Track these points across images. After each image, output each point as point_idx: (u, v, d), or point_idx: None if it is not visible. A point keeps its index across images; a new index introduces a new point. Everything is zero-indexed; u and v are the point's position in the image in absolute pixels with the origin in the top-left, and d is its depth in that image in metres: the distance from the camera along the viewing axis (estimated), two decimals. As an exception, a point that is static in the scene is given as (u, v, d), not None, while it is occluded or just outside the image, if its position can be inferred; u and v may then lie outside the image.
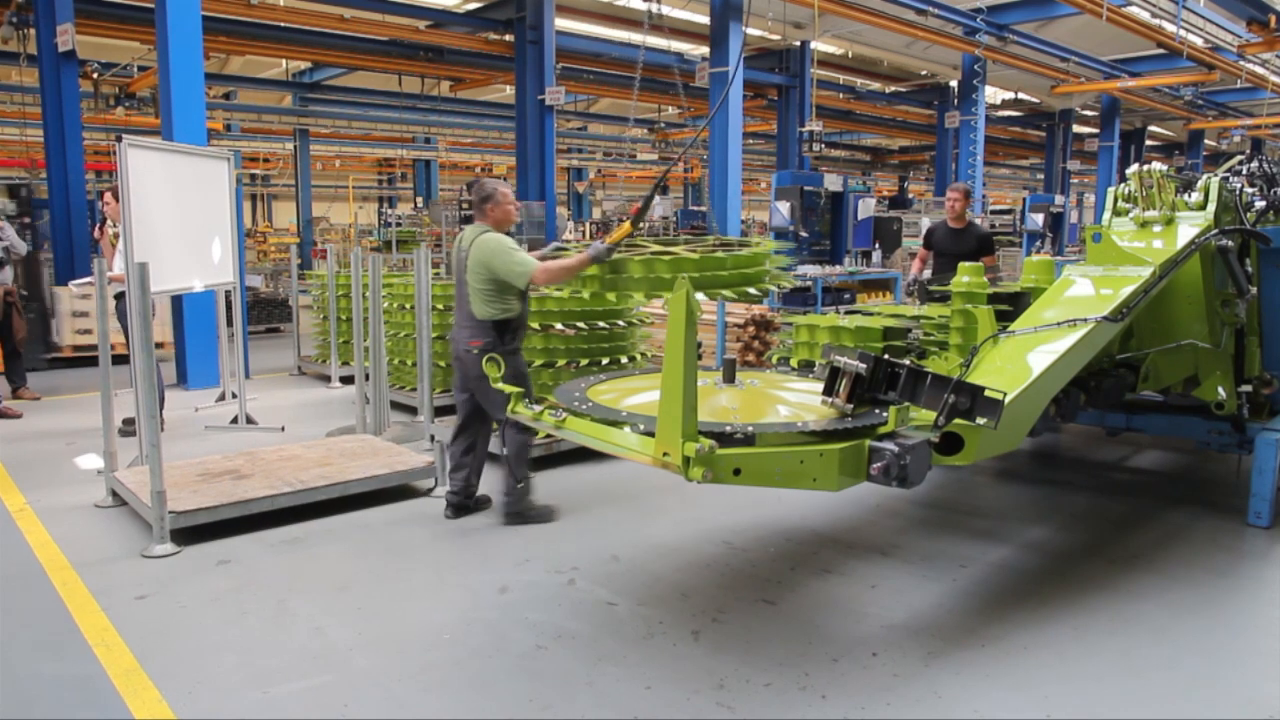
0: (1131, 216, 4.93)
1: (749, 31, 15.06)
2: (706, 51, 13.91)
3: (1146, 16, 14.73)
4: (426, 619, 3.71)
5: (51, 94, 10.96)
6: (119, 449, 5.31)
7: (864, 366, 3.22)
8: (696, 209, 22.26)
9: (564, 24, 15.29)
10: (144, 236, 5.71)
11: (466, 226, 4.84)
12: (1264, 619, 3.80)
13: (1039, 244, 15.89)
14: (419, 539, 4.68)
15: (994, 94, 22.33)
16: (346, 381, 8.83)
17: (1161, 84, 19.74)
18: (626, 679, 3.22)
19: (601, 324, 6.15)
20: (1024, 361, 3.72)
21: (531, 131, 14.19)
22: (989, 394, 3.12)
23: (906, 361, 3.35)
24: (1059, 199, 17.25)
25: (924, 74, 20.88)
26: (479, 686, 3.19)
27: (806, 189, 10.53)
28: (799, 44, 16.82)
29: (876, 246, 11.31)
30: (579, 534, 4.71)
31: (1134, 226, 4.89)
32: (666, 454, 2.81)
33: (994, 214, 19.86)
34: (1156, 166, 4.95)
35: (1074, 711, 3.05)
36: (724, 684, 3.18)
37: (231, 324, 7.75)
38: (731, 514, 4.95)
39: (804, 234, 10.46)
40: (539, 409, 3.57)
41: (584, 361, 6.12)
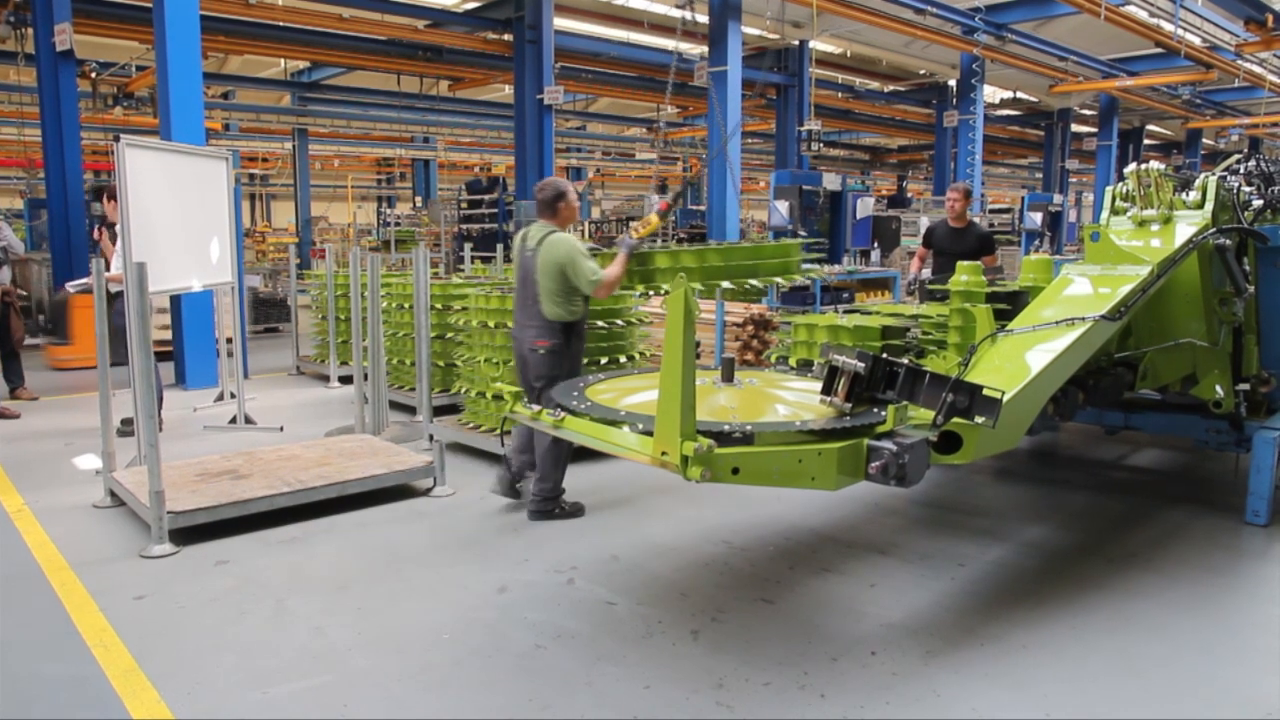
0: (1129, 215, 4.93)
1: (747, 30, 15.05)
2: (705, 50, 13.89)
3: (1144, 16, 14.75)
4: (426, 619, 3.71)
5: (49, 94, 10.95)
6: (117, 449, 5.30)
7: (862, 365, 3.22)
8: (695, 208, 22.26)
9: (562, 23, 15.29)
10: (142, 236, 5.71)
11: (531, 225, 4.88)
12: (1262, 617, 3.80)
13: (1037, 243, 15.90)
14: (418, 539, 4.68)
15: (992, 93, 22.34)
16: (345, 381, 8.83)
17: (1159, 83, 19.77)
18: (626, 678, 3.22)
19: (600, 323, 6.15)
20: (1022, 360, 3.72)
21: (530, 131, 14.19)
22: (987, 393, 3.12)
23: (905, 360, 3.35)
24: (1057, 198, 17.27)
25: (922, 73, 20.90)
26: (478, 686, 3.19)
27: (805, 188, 10.52)
28: (798, 43, 16.83)
29: (875, 246, 11.30)
30: (578, 533, 4.71)
31: (1132, 225, 4.89)
32: (665, 453, 2.81)
33: (993, 213, 19.88)
34: (1154, 165, 4.95)
35: (1073, 710, 3.05)
36: (723, 683, 3.18)
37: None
38: (730, 513, 4.95)
39: (802, 233, 10.46)
40: (537, 409, 3.57)
41: (583, 360, 6.11)
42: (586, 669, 3.29)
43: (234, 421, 7.16)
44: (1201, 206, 4.80)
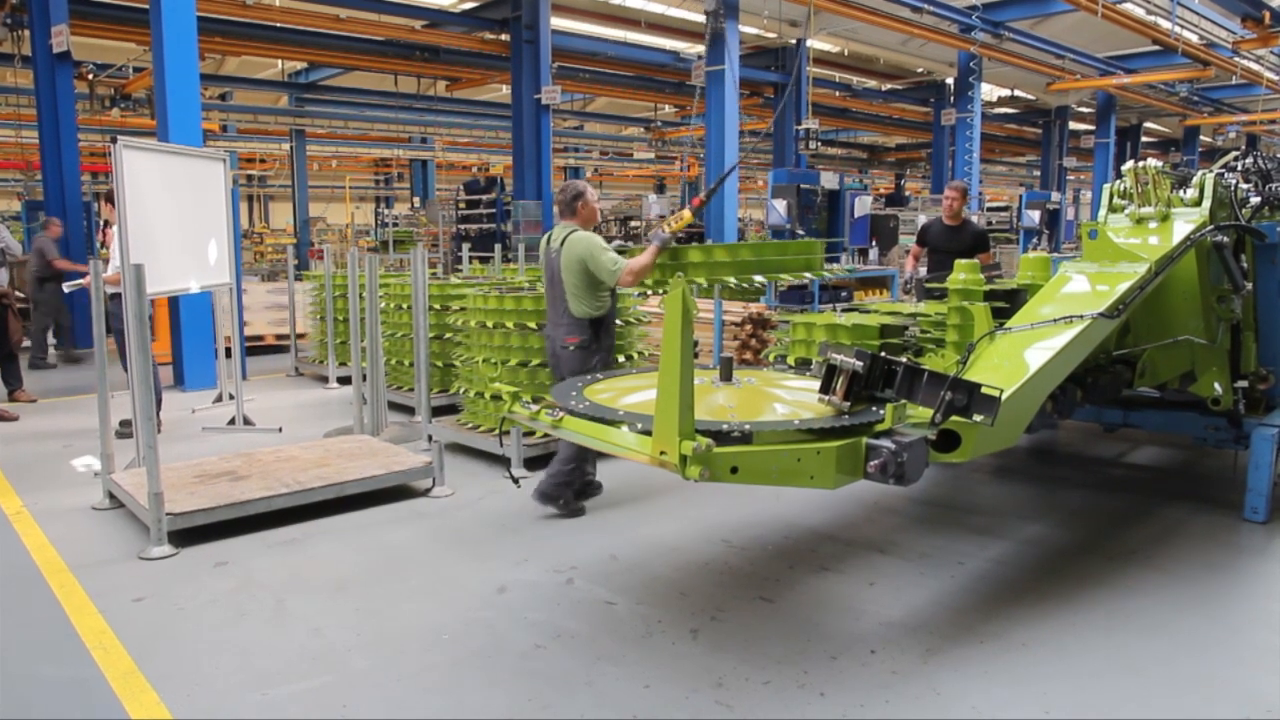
0: (1127, 213, 4.94)
1: (745, 29, 15.05)
2: (702, 50, 13.89)
3: (1142, 13, 14.76)
4: (425, 619, 3.71)
5: (46, 95, 10.94)
6: (116, 451, 5.30)
7: (861, 364, 3.22)
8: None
9: (560, 23, 15.28)
10: (140, 238, 5.70)
11: (554, 226, 5.00)
12: (1261, 613, 3.81)
13: (1035, 241, 15.92)
14: (417, 539, 4.68)
15: (990, 91, 22.35)
16: (344, 382, 8.82)
17: (1157, 80, 19.77)
18: (625, 678, 3.23)
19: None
20: (1020, 358, 3.72)
21: (528, 131, 14.19)
22: (986, 391, 3.12)
23: (903, 359, 3.34)
24: (1055, 196, 17.29)
25: (920, 71, 20.89)
26: (478, 686, 3.19)
27: (803, 187, 10.54)
28: (795, 42, 16.83)
29: (873, 244, 11.32)
30: (577, 533, 4.71)
31: (1130, 223, 4.89)
32: (663, 453, 2.81)
33: (991, 211, 19.88)
34: (1152, 163, 4.95)
35: (1072, 708, 3.05)
36: (723, 682, 3.18)
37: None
38: (729, 512, 4.95)
39: (801, 232, 10.47)
40: (536, 408, 3.56)
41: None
42: (586, 669, 3.29)
43: (232, 423, 7.16)
44: (1199, 204, 4.80)
